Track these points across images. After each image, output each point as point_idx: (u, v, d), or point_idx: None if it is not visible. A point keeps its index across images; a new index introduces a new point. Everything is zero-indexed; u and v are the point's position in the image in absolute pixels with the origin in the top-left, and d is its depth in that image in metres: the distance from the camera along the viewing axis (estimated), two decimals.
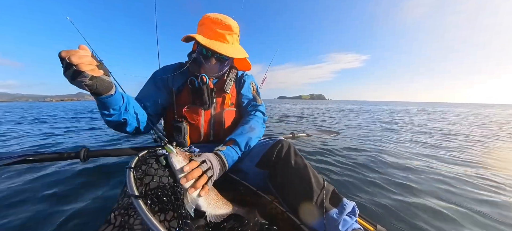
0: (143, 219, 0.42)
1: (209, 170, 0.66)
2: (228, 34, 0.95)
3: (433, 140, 3.59)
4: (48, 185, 1.75)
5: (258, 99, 1.16)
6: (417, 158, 2.44)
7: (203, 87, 0.98)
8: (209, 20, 0.95)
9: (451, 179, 1.84)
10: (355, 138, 3.39)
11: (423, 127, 5.33)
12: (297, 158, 0.83)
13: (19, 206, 1.44)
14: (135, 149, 1.23)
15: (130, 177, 0.53)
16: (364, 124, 5.61)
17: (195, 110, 1.02)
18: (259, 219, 0.74)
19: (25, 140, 3.86)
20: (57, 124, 6.26)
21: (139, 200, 0.45)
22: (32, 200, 1.52)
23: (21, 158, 0.97)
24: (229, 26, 0.95)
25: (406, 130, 4.55)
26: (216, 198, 0.70)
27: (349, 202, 0.72)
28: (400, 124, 5.59)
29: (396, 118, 8.26)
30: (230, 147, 0.85)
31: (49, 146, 3.38)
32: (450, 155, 2.67)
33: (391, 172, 1.94)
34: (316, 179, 0.76)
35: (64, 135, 4.42)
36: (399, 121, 6.42)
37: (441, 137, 3.94)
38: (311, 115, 9.94)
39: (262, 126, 1.08)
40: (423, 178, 1.87)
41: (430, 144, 3.19)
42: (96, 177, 1.90)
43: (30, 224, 1.22)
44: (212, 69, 1.02)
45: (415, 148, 2.95)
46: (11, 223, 1.22)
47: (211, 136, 1.08)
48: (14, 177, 1.94)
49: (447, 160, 2.41)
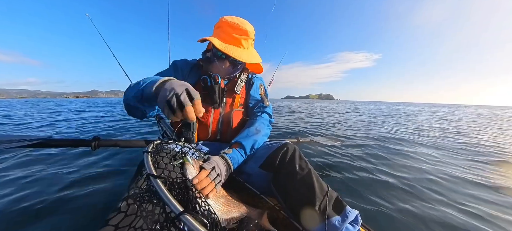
0: (162, 197, 0.42)
1: (217, 177, 0.70)
2: (243, 39, 0.97)
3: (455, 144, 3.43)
4: (61, 170, 1.83)
5: (266, 101, 1.16)
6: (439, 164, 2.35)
7: (214, 87, 1.00)
8: (226, 24, 0.96)
9: (480, 188, 1.75)
10: (365, 142, 3.32)
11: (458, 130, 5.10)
12: (302, 162, 0.82)
13: (31, 188, 1.51)
14: (142, 141, 1.27)
15: (148, 159, 0.55)
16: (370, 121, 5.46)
17: (204, 108, 1.04)
18: (259, 222, 0.74)
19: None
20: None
21: (158, 180, 0.46)
22: (44, 183, 1.59)
23: (37, 141, 1.03)
24: (245, 31, 0.96)
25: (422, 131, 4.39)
26: (227, 202, 0.72)
27: (352, 210, 0.71)
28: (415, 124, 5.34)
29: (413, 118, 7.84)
30: (236, 150, 0.87)
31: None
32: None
33: (406, 181, 1.88)
34: (319, 184, 0.76)
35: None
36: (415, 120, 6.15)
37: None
38: (345, 115, 9.68)
39: (268, 128, 1.09)
40: (446, 186, 1.80)
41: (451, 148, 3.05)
42: (104, 167, 1.97)
43: (43, 207, 1.28)
44: (225, 71, 1.04)
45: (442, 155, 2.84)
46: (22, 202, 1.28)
47: (218, 134, 1.09)
48: (28, 160, 2.04)
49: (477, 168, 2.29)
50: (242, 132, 0.97)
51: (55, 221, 1.16)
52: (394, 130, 5.19)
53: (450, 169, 2.32)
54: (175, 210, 0.39)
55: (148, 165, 0.53)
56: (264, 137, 1.00)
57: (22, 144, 0.98)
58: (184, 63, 1.11)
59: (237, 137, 0.94)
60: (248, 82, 1.18)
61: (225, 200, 0.71)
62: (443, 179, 2.01)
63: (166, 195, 0.42)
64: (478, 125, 7.29)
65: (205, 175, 0.67)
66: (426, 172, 2.18)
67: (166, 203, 0.41)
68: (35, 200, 1.33)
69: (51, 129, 4.44)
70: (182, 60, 1.13)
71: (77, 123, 5.39)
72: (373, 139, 3.88)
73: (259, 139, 0.95)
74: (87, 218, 1.19)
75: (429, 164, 2.47)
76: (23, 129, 4.61)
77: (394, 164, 2.41)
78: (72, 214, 1.22)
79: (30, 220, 1.16)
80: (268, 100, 1.18)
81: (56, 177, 1.69)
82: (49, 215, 1.20)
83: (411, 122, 7.36)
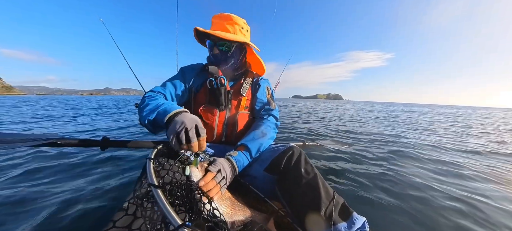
0: (161, 208, 0.43)
1: (223, 180, 0.71)
2: (227, 23, 1.03)
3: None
4: (70, 168, 1.88)
5: (272, 103, 1.17)
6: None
7: (220, 89, 1.02)
8: (214, 17, 1.06)
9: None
10: (379, 146, 3.23)
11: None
12: (307, 166, 0.81)
13: (41, 184, 1.56)
14: (150, 142, 1.29)
15: (150, 167, 0.55)
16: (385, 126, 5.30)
17: (210, 110, 1.04)
18: (263, 226, 0.73)
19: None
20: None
21: (158, 190, 0.46)
22: (56, 180, 1.64)
23: (50, 141, 1.06)
24: (229, 16, 1.04)
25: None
26: (232, 205, 0.72)
27: (359, 217, 0.69)
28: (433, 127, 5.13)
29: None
30: (242, 152, 0.88)
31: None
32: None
33: (421, 191, 1.82)
34: (325, 189, 0.74)
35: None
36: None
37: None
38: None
39: (274, 131, 1.08)
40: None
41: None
42: (113, 166, 2.01)
43: (49, 204, 1.32)
44: (217, 59, 1.07)
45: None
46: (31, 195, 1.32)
47: (223, 137, 1.09)
48: (41, 157, 2.11)
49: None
50: (248, 135, 0.97)
51: (60, 219, 1.18)
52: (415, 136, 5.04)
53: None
54: (173, 223, 0.39)
55: (150, 173, 0.53)
56: (270, 140, 1.00)
57: (34, 143, 1.01)
58: (191, 68, 1.14)
59: (243, 139, 0.94)
60: (254, 84, 1.18)
61: (230, 203, 0.71)
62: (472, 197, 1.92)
63: (166, 207, 0.42)
64: None
65: (211, 177, 0.68)
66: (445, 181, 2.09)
67: (165, 215, 0.41)
68: (43, 196, 1.37)
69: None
70: (189, 66, 1.16)
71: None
72: (385, 142, 3.78)
73: (264, 142, 0.95)
74: (93, 218, 1.21)
75: (449, 172, 2.37)
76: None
77: (410, 171, 2.33)
78: (79, 213, 1.24)
79: (35, 216, 1.19)
80: (274, 103, 1.19)
81: (66, 175, 1.74)
82: (55, 212, 1.23)
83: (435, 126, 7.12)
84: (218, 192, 0.67)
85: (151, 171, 0.53)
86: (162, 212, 0.42)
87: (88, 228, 1.13)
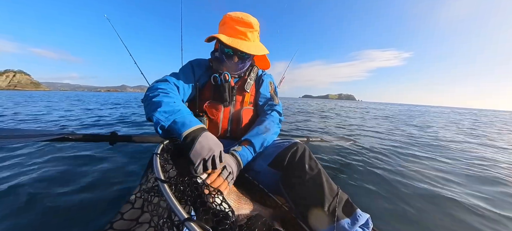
0: (167, 202, 0.44)
1: (229, 175, 0.72)
2: (249, 31, 0.97)
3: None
4: (82, 162, 1.95)
5: (276, 98, 1.17)
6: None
7: (225, 85, 1.02)
8: (231, 19, 0.97)
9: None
10: (382, 144, 3.19)
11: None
12: (311, 162, 0.81)
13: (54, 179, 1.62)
14: (157, 137, 1.32)
15: (157, 162, 0.56)
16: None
17: (215, 106, 1.05)
18: (267, 219, 0.74)
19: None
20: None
21: (165, 184, 0.47)
22: (69, 175, 1.70)
23: (61, 136, 1.10)
24: (250, 23, 0.96)
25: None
26: (238, 199, 0.73)
27: (363, 214, 0.69)
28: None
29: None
30: (245, 147, 0.89)
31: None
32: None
33: (426, 188, 1.80)
34: (329, 185, 0.74)
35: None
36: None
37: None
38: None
39: (278, 126, 1.08)
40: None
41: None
42: (122, 159, 2.07)
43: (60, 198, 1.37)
44: (234, 67, 1.05)
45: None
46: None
47: (228, 132, 1.11)
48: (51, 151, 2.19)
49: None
50: (252, 130, 0.98)
51: (68, 211, 1.23)
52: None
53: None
54: (180, 216, 0.40)
55: (157, 167, 0.54)
56: (273, 135, 1.00)
57: (47, 138, 1.05)
58: (200, 64, 1.13)
59: (246, 134, 0.95)
60: (258, 80, 1.18)
61: (236, 197, 0.72)
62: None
63: (172, 201, 0.43)
64: None
65: (217, 174, 0.69)
66: (451, 180, 2.05)
67: (171, 209, 0.42)
68: (53, 189, 1.43)
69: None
70: (197, 61, 1.15)
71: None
72: (390, 140, 3.73)
73: (268, 137, 0.95)
74: (99, 210, 1.25)
75: (452, 172, 2.33)
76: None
77: (414, 169, 2.30)
78: (87, 204, 1.29)
79: (46, 208, 1.24)
80: (278, 98, 1.19)
81: (75, 168, 1.80)
82: (64, 202, 1.28)
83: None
84: (227, 188, 0.69)
85: (158, 166, 0.54)
86: (168, 205, 0.43)
87: (95, 218, 1.18)
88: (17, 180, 1.53)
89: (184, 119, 0.74)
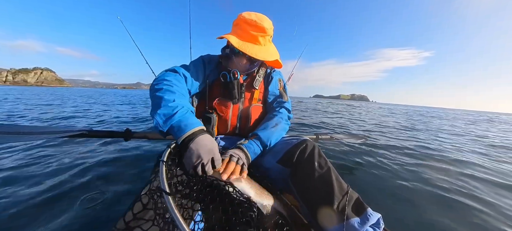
0: (171, 215, 0.44)
1: (239, 160, 0.77)
2: (261, 36, 0.96)
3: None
4: (97, 158, 2.04)
5: (285, 96, 1.16)
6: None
7: (233, 82, 1.03)
8: (244, 21, 0.96)
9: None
10: (402, 141, 3.07)
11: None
12: (321, 160, 0.80)
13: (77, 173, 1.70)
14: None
15: (163, 171, 0.54)
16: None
17: (224, 103, 1.06)
18: (283, 214, 0.74)
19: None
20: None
21: (169, 196, 0.47)
22: (85, 169, 1.78)
23: (80, 132, 1.16)
24: (263, 28, 0.95)
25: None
26: (259, 186, 0.76)
27: (374, 213, 0.67)
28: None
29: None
30: (252, 141, 0.91)
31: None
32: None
33: (441, 189, 1.72)
34: (339, 183, 0.73)
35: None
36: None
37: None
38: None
39: (287, 123, 1.08)
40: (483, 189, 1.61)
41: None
42: (135, 155, 2.14)
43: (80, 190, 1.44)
44: (243, 68, 1.06)
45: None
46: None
47: (237, 129, 1.12)
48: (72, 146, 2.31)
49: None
50: (260, 126, 0.99)
51: (80, 207, 1.24)
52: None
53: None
54: (182, 230, 0.41)
55: (162, 178, 0.52)
56: (282, 132, 1.00)
57: (67, 134, 1.11)
58: (210, 60, 1.14)
59: (257, 128, 0.98)
60: (267, 77, 1.18)
61: (259, 188, 0.75)
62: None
63: (176, 215, 0.43)
64: None
65: (227, 161, 0.73)
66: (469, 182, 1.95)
67: (176, 225, 0.42)
68: (69, 184, 1.50)
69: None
70: (209, 57, 1.15)
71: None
72: (404, 139, 3.59)
73: (276, 133, 0.96)
74: (111, 205, 1.29)
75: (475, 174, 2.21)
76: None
77: (429, 168, 2.21)
78: (100, 198, 1.34)
79: (63, 202, 1.29)
80: (287, 95, 1.18)
81: (92, 162, 1.88)
82: (77, 200, 1.30)
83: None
84: (242, 172, 0.72)
85: (163, 176, 0.52)
86: (172, 219, 0.43)
87: (104, 214, 1.18)
88: (31, 173, 1.60)
89: (180, 122, 0.71)
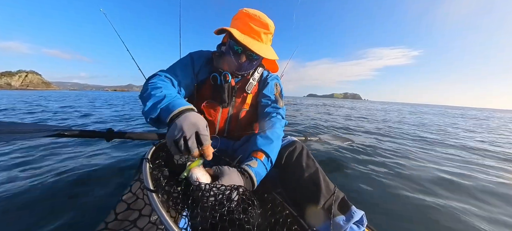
0: (156, 212, 0.43)
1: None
2: (263, 33, 0.90)
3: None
4: (84, 157, 1.94)
5: (280, 102, 1.09)
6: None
7: (224, 86, 0.97)
8: (246, 16, 0.89)
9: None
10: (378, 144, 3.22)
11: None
12: (309, 161, 0.82)
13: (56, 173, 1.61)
14: (154, 134, 1.32)
15: (146, 169, 0.52)
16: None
17: (213, 106, 1.01)
18: (267, 216, 0.74)
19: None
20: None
21: (153, 193, 0.46)
22: (72, 167, 1.69)
23: (57, 132, 1.09)
24: (266, 24, 0.89)
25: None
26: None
27: (358, 211, 0.71)
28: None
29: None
30: (261, 162, 0.78)
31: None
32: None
33: (419, 185, 1.82)
34: (326, 184, 0.76)
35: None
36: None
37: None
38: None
39: (282, 129, 1.02)
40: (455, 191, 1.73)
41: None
42: (119, 153, 2.05)
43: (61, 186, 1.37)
44: (239, 66, 0.96)
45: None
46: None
47: (225, 132, 1.08)
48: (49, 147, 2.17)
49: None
50: (265, 138, 0.88)
51: (62, 209, 1.23)
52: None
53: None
54: (168, 228, 0.40)
55: (146, 175, 0.50)
56: (280, 142, 0.94)
57: (42, 133, 1.04)
58: (199, 57, 1.04)
59: (259, 141, 0.86)
60: (263, 81, 1.11)
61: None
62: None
63: (161, 212, 0.42)
64: None
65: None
66: (442, 175, 2.09)
67: (162, 222, 0.42)
68: (60, 180, 1.42)
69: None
70: (198, 53, 1.06)
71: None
72: (385, 136, 3.76)
73: (279, 144, 0.90)
74: (93, 208, 1.25)
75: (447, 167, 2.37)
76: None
77: (409, 167, 2.34)
78: (81, 202, 1.29)
79: (38, 206, 1.24)
80: (282, 101, 1.11)
81: (76, 162, 1.79)
82: (58, 203, 1.28)
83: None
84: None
85: (147, 174, 0.51)
86: (157, 215, 0.42)
87: (88, 217, 1.17)
88: (6, 176, 1.51)
89: (168, 105, 0.65)
